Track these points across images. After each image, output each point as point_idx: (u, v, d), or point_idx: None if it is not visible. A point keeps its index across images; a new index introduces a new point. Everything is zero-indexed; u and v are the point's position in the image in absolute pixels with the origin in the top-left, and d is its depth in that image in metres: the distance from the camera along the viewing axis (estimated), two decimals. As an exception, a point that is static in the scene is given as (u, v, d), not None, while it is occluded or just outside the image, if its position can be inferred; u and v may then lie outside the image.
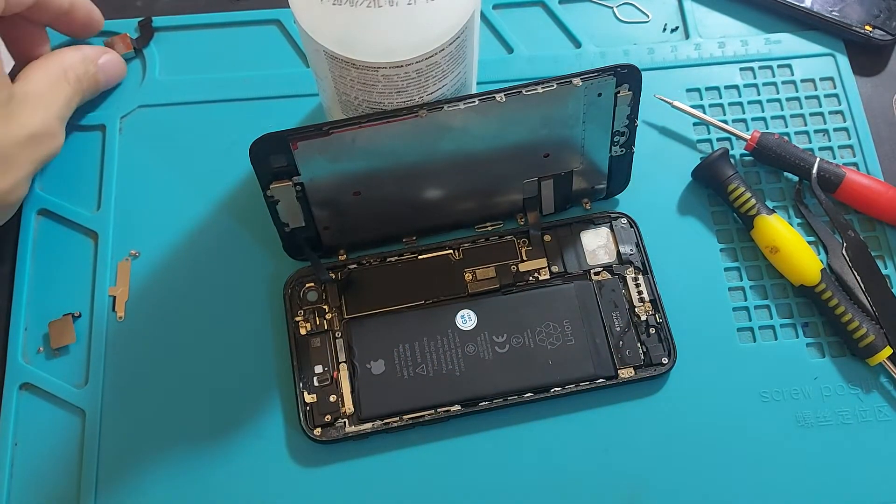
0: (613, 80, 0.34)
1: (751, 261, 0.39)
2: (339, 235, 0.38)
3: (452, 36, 0.31)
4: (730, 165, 0.39)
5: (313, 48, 0.32)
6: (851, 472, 0.35)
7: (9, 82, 0.35)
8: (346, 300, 0.37)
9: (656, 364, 0.36)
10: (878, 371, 0.37)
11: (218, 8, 0.45)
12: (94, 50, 0.41)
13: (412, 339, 0.36)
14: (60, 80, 0.38)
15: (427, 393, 0.35)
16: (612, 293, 0.38)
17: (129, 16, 0.44)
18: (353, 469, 0.35)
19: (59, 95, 0.37)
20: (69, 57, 0.39)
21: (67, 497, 0.35)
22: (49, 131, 0.36)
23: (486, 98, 0.33)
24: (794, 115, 0.42)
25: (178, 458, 0.35)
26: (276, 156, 0.33)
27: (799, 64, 0.44)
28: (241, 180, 0.40)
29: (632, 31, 0.45)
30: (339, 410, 0.35)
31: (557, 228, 0.39)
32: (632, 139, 0.38)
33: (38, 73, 0.37)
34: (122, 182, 0.40)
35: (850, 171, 0.39)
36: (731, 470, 0.35)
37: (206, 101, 0.42)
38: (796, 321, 0.38)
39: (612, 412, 0.36)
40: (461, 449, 0.36)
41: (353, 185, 0.36)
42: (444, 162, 0.36)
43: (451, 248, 0.39)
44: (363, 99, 0.33)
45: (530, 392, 0.36)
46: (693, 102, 0.43)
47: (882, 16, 0.44)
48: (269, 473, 0.35)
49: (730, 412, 0.36)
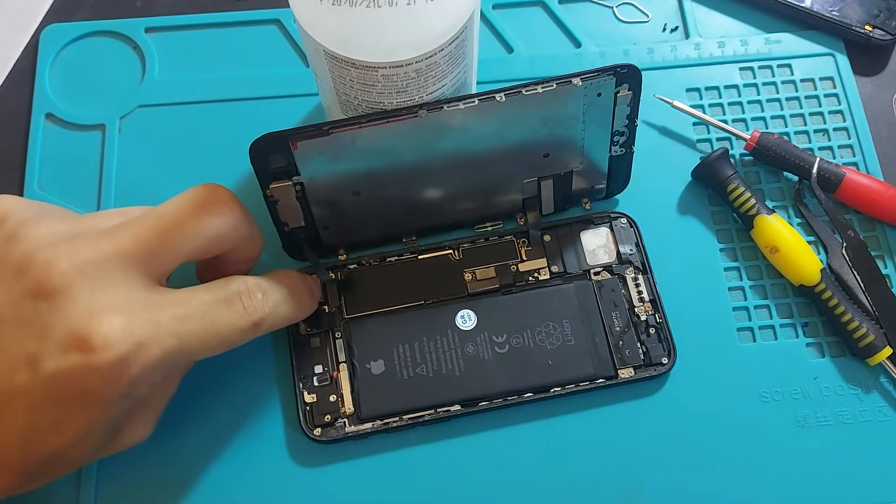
0: (613, 79, 0.34)
1: (751, 261, 0.39)
2: (339, 235, 0.38)
3: (452, 36, 0.31)
4: (730, 165, 0.39)
5: (313, 48, 0.32)
6: (851, 472, 0.35)
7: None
8: (346, 300, 0.37)
9: (656, 364, 0.36)
10: (878, 371, 0.37)
11: (218, 8, 0.45)
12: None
13: (412, 339, 0.36)
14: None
15: (427, 393, 0.35)
16: (611, 293, 0.38)
17: (129, 16, 0.44)
18: (353, 469, 0.35)
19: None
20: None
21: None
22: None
23: (485, 98, 0.33)
24: (794, 114, 0.42)
25: (178, 458, 0.35)
26: (276, 155, 0.33)
27: (799, 64, 0.44)
28: (240, 180, 0.40)
29: (631, 31, 0.45)
30: (339, 410, 0.35)
31: (557, 228, 0.39)
32: (632, 139, 0.38)
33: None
34: (122, 182, 0.40)
35: (850, 170, 0.39)
36: (731, 470, 0.35)
37: (206, 100, 0.42)
38: (796, 321, 0.38)
39: (611, 412, 0.36)
40: (461, 449, 0.36)
41: (353, 185, 0.36)
42: (444, 162, 0.36)
43: (450, 248, 0.38)
44: (363, 99, 0.33)
45: (530, 392, 0.36)
46: (693, 102, 0.43)
47: (882, 16, 0.44)
48: (269, 473, 0.35)
49: (730, 412, 0.36)
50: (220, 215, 0.30)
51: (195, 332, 0.29)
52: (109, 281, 0.28)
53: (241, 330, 0.30)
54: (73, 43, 0.44)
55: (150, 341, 0.27)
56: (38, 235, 0.28)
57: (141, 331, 0.27)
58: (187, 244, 0.30)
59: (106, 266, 0.28)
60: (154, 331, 0.28)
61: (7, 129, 0.42)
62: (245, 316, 0.30)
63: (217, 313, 0.30)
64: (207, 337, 0.29)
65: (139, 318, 0.28)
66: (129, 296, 0.28)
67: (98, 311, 0.27)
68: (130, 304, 0.28)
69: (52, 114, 0.42)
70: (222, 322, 0.30)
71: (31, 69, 0.43)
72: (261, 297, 0.31)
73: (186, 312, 0.29)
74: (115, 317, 0.27)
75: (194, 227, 0.30)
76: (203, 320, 0.29)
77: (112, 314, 0.27)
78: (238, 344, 0.31)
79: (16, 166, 0.41)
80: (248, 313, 0.30)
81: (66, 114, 0.42)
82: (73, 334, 0.27)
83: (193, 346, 0.29)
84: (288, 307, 0.33)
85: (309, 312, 0.35)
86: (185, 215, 0.30)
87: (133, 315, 0.27)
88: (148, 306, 0.28)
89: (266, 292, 0.32)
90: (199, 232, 0.30)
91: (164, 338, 0.28)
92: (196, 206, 0.30)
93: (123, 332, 0.27)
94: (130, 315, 0.27)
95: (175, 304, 0.29)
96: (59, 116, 0.42)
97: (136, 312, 0.28)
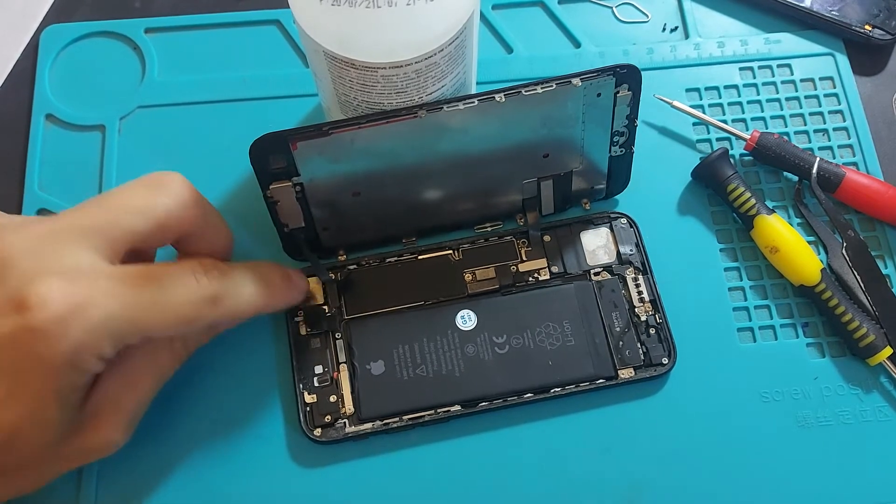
0: (613, 80, 0.34)
1: (751, 261, 0.39)
2: (339, 236, 0.38)
3: (452, 36, 0.31)
4: (729, 165, 0.39)
5: (313, 48, 0.32)
6: (851, 472, 0.35)
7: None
8: (346, 301, 0.37)
9: (656, 364, 0.36)
10: (878, 371, 0.37)
11: (218, 8, 0.45)
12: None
13: (412, 340, 0.36)
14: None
15: (427, 393, 0.35)
16: (611, 293, 0.38)
17: (129, 16, 0.44)
18: (353, 469, 0.35)
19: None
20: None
21: None
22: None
23: (485, 98, 0.33)
24: (794, 114, 0.42)
25: (178, 458, 0.35)
26: (276, 156, 0.33)
27: (798, 64, 0.44)
28: (240, 180, 0.40)
29: (631, 31, 0.45)
30: (339, 411, 0.35)
31: (557, 229, 0.39)
32: (631, 139, 0.38)
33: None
34: (122, 182, 0.40)
35: (850, 170, 0.39)
36: (731, 470, 0.35)
37: (206, 101, 0.42)
38: (796, 321, 0.38)
39: (612, 412, 0.36)
40: (461, 449, 0.36)
41: (353, 186, 0.36)
42: (444, 162, 0.36)
43: (450, 249, 0.38)
44: (362, 99, 0.33)
45: (530, 392, 0.36)
46: (692, 102, 0.43)
47: (882, 15, 0.44)
48: (269, 473, 0.35)
49: (730, 412, 0.36)
50: (168, 195, 0.31)
51: (142, 302, 0.28)
52: (55, 251, 0.28)
53: (193, 303, 0.30)
54: (73, 43, 0.44)
55: (89, 302, 0.27)
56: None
57: (80, 292, 0.27)
58: (135, 220, 0.30)
59: (52, 238, 0.28)
60: (94, 293, 0.27)
61: (7, 129, 0.42)
62: (197, 289, 0.30)
63: (167, 284, 0.29)
64: (157, 308, 0.29)
65: (80, 282, 0.27)
66: (75, 264, 0.28)
67: (39, 275, 0.27)
68: (75, 272, 0.28)
69: (52, 114, 0.42)
70: (173, 293, 0.29)
71: (31, 70, 0.43)
72: (217, 274, 0.31)
73: (133, 280, 0.28)
74: (54, 279, 0.27)
75: (141, 204, 0.30)
76: (151, 290, 0.29)
77: (52, 277, 0.27)
78: (198, 322, 0.30)
79: (16, 167, 0.41)
80: (201, 286, 0.30)
81: (66, 114, 0.42)
82: (13, 297, 0.26)
83: (142, 316, 0.28)
84: (253, 289, 0.32)
85: (286, 302, 0.35)
86: (132, 193, 0.30)
87: (75, 280, 0.27)
88: (92, 274, 0.28)
89: (225, 272, 0.31)
90: (146, 208, 0.30)
91: (105, 300, 0.27)
92: (143, 186, 0.31)
93: (61, 292, 0.26)
94: (72, 280, 0.27)
95: (122, 274, 0.28)
96: (59, 117, 0.42)
97: (79, 278, 0.27)
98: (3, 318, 0.26)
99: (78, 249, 0.28)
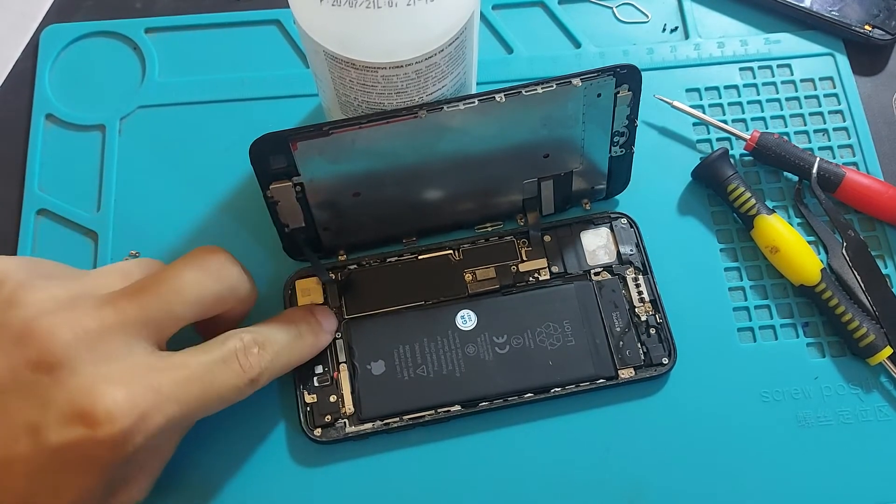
0: (613, 80, 0.34)
1: (751, 261, 0.39)
2: (339, 236, 0.38)
3: (452, 36, 0.31)
4: (729, 165, 0.39)
5: (313, 48, 0.32)
6: (851, 472, 0.35)
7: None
8: (346, 301, 0.37)
9: (656, 364, 0.36)
10: (878, 371, 0.37)
11: (218, 8, 0.45)
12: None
13: (412, 340, 0.36)
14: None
15: (427, 393, 0.35)
16: (612, 293, 0.38)
17: (129, 16, 0.44)
18: (354, 469, 0.35)
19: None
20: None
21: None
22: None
23: (485, 98, 0.33)
24: (794, 114, 0.42)
25: (178, 458, 0.35)
26: (276, 156, 0.33)
27: (798, 64, 0.44)
28: (240, 181, 0.40)
29: (631, 32, 0.45)
30: (340, 411, 0.35)
31: (557, 229, 0.39)
32: (632, 139, 0.38)
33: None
34: (122, 183, 0.40)
35: (850, 170, 0.39)
36: (731, 470, 0.35)
37: (206, 101, 0.42)
38: (796, 321, 0.38)
39: (612, 412, 0.36)
40: (461, 449, 0.36)
41: (353, 186, 0.36)
42: (444, 162, 0.36)
43: (450, 249, 0.38)
44: (363, 99, 0.33)
45: (530, 392, 0.36)
46: (693, 102, 0.43)
47: (881, 15, 0.44)
48: (269, 473, 0.35)
49: (730, 412, 0.36)
50: (220, 280, 0.31)
51: (195, 396, 0.29)
52: (111, 351, 0.28)
53: (238, 388, 0.31)
54: (73, 44, 0.44)
55: (152, 410, 0.28)
56: (36, 301, 0.28)
57: (143, 401, 0.28)
58: (188, 310, 0.30)
59: (107, 336, 0.28)
60: (156, 399, 0.28)
61: (7, 129, 0.42)
62: (241, 375, 0.31)
63: (215, 374, 0.30)
64: (206, 399, 0.30)
65: (141, 388, 0.28)
66: (131, 364, 0.28)
67: (100, 383, 0.27)
68: (132, 373, 0.28)
69: (53, 115, 0.42)
70: (220, 383, 0.30)
71: (31, 70, 0.43)
72: (257, 353, 0.31)
73: (186, 376, 0.29)
74: (117, 389, 0.27)
75: (194, 293, 0.30)
76: (202, 383, 0.30)
77: (114, 386, 0.27)
78: (236, 401, 0.31)
79: (16, 167, 0.41)
80: (245, 371, 0.31)
81: (67, 115, 0.42)
82: (77, 407, 0.27)
83: (193, 410, 0.29)
84: (289, 355, 0.33)
85: (320, 348, 0.35)
86: (185, 282, 0.30)
87: (135, 384, 0.28)
88: (149, 373, 0.28)
89: (263, 346, 0.32)
90: (200, 297, 0.30)
91: (166, 405, 0.28)
92: (194, 270, 0.31)
93: (127, 403, 0.27)
94: (132, 385, 0.28)
95: (175, 369, 0.29)
96: (59, 117, 0.42)
97: (138, 381, 0.28)
98: (68, 427, 0.27)
99: (135, 345, 0.29)
